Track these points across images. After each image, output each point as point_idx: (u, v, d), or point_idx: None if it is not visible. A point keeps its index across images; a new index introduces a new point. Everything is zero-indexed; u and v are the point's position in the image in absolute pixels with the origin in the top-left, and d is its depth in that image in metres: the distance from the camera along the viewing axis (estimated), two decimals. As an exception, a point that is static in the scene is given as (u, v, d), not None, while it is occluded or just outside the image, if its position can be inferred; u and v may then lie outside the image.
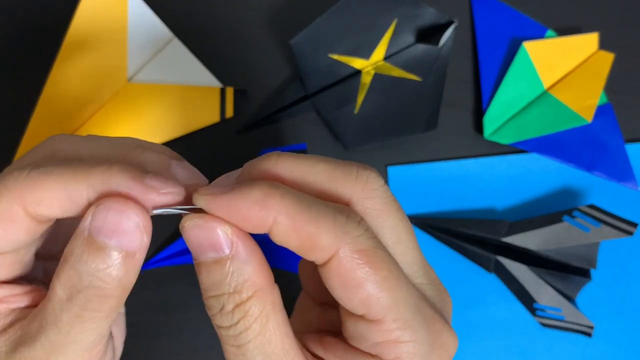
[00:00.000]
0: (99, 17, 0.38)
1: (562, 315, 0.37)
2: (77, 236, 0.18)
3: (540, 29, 0.42)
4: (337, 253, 0.17)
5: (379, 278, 0.17)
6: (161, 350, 0.36)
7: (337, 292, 0.18)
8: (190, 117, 0.38)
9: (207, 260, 0.18)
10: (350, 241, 0.17)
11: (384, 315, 0.18)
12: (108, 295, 0.18)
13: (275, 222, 0.17)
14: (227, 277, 0.18)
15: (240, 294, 0.18)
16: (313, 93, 0.38)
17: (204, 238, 0.18)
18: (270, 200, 0.17)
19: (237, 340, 0.18)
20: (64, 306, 0.18)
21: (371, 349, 0.18)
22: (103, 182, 0.17)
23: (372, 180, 0.19)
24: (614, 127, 0.40)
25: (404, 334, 0.18)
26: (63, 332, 0.18)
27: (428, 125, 0.39)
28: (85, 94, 0.37)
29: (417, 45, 0.38)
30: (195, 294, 0.37)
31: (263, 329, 0.18)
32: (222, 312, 0.18)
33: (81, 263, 0.17)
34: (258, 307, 0.18)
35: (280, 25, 0.40)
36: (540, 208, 0.39)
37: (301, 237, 0.17)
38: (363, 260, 0.17)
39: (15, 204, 0.18)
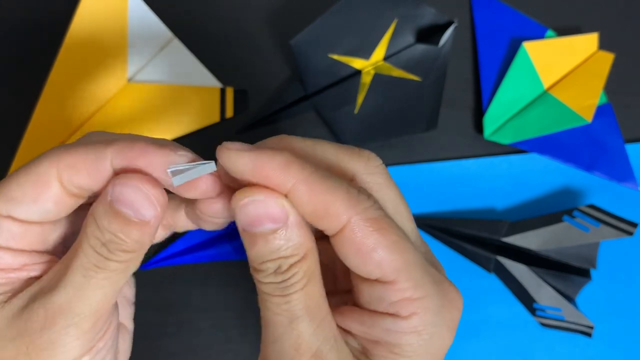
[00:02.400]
0: (99, 17, 0.38)
1: (562, 315, 0.37)
2: (101, 200, 0.20)
3: (540, 29, 0.42)
4: (350, 221, 0.19)
5: (389, 242, 0.19)
6: (161, 350, 0.36)
7: (352, 259, 0.20)
8: (190, 117, 0.38)
9: (264, 231, 0.19)
10: (362, 211, 0.19)
11: (397, 276, 0.19)
12: (126, 250, 0.20)
13: (293, 188, 0.19)
14: (285, 243, 0.19)
15: (296, 256, 0.20)
16: (313, 93, 0.38)
17: (262, 211, 0.19)
18: (291, 166, 0.19)
19: (285, 291, 0.20)
20: (90, 253, 0.19)
21: (388, 308, 0.20)
22: (126, 147, 0.20)
23: (373, 158, 0.22)
24: (614, 127, 0.40)
25: (416, 291, 0.20)
26: (89, 275, 0.19)
27: (428, 125, 0.39)
28: (85, 94, 0.37)
29: (417, 45, 0.38)
30: (195, 294, 0.37)
31: (308, 283, 0.20)
32: (277, 272, 0.20)
33: (103, 221, 0.19)
34: (308, 265, 0.20)
35: (280, 25, 0.40)
36: (540, 208, 0.39)
37: (316, 205, 0.19)
38: (374, 227, 0.19)
39: (52, 169, 0.20)
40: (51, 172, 0.20)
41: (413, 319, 0.20)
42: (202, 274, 0.37)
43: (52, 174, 0.20)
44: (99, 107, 0.37)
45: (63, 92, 0.37)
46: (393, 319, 0.20)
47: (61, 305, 0.19)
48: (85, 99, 0.37)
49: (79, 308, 0.19)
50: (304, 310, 0.20)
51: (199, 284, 0.37)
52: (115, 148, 0.20)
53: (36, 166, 0.20)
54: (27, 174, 0.20)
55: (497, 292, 0.38)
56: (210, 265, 0.37)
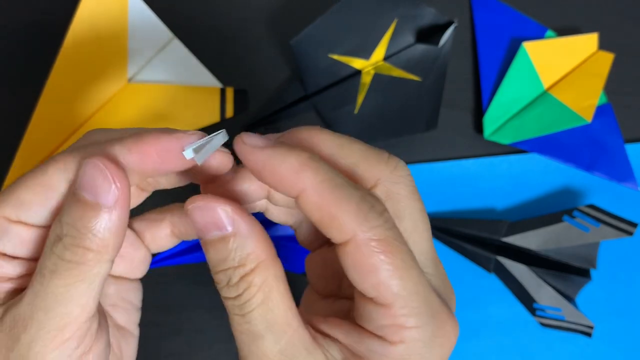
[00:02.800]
0: (99, 17, 0.38)
1: (562, 315, 0.37)
2: (67, 192, 0.19)
3: (540, 29, 0.42)
4: (355, 237, 0.18)
5: (392, 267, 0.18)
6: (161, 350, 0.36)
7: (350, 274, 0.19)
8: (190, 117, 0.38)
9: (212, 239, 0.19)
10: (369, 229, 0.18)
11: (393, 302, 0.18)
12: (84, 246, 0.18)
13: (302, 193, 0.18)
14: (231, 252, 0.19)
15: (244, 266, 0.19)
16: (313, 93, 0.38)
17: (207, 218, 0.19)
18: (304, 171, 0.18)
19: (242, 309, 0.19)
20: (47, 255, 0.19)
21: (377, 330, 0.19)
22: (138, 141, 0.19)
23: (400, 167, 0.20)
24: (614, 127, 0.40)
25: (409, 320, 0.19)
26: (45, 283, 0.18)
27: (428, 125, 0.39)
28: (85, 94, 0.37)
29: (417, 45, 0.38)
30: (195, 294, 0.37)
31: (266, 298, 0.19)
32: (229, 285, 0.19)
33: (64, 215, 0.19)
34: (261, 278, 0.19)
35: (280, 25, 0.40)
36: (540, 208, 0.39)
37: (323, 214, 0.18)
38: (379, 249, 0.18)
39: (60, 172, 0.19)
40: (59, 174, 0.19)
41: (400, 347, 0.19)
42: (202, 274, 0.37)
43: (60, 176, 0.19)
44: (99, 107, 0.37)
45: (63, 92, 0.37)
46: (381, 341, 0.19)
47: (25, 315, 0.18)
48: (85, 99, 0.37)
49: (42, 320, 0.18)
50: (266, 329, 0.19)
51: (199, 284, 0.37)
52: (126, 144, 0.19)
53: (43, 170, 0.20)
54: (34, 177, 0.20)
55: (497, 292, 0.38)
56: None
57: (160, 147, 0.19)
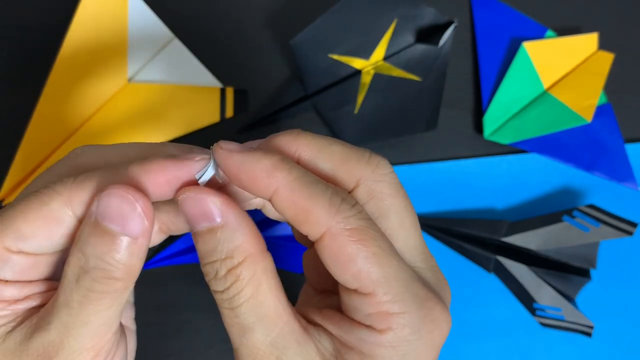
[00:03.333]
0: (99, 17, 0.38)
1: (562, 315, 0.37)
2: (85, 222, 0.19)
3: (540, 29, 0.42)
4: (330, 229, 0.18)
5: (369, 254, 0.19)
6: (161, 351, 0.36)
7: (330, 267, 0.19)
8: (190, 117, 0.38)
9: (201, 230, 0.19)
10: (342, 219, 0.18)
11: (375, 289, 0.19)
12: (113, 277, 0.19)
13: (276, 192, 0.19)
14: (219, 244, 0.19)
15: (232, 259, 0.19)
16: (313, 93, 0.38)
17: (196, 209, 0.19)
18: (277, 171, 0.19)
19: (231, 303, 0.19)
20: (73, 288, 0.19)
21: (365, 319, 0.19)
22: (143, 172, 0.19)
23: (382, 166, 0.21)
24: (614, 127, 0.40)
25: (394, 306, 0.19)
26: (73, 314, 0.19)
27: (428, 125, 0.39)
28: (85, 94, 0.37)
29: (417, 45, 0.38)
30: (195, 294, 0.37)
31: (255, 292, 0.19)
32: (216, 277, 0.19)
33: (87, 246, 0.19)
34: (249, 272, 0.19)
35: (280, 25, 0.40)
36: (540, 208, 0.39)
37: (297, 210, 0.19)
38: (354, 238, 0.18)
39: (65, 206, 0.19)
40: (63, 210, 0.19)
41: (388, 334, 0.19)
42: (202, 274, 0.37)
43: (65, 212, 0.19)
44: (99, 107, 0.37)
45: (63, 92, 0.37)
46: (369, 331, 0.19)
47: (54, 342, 0.19)
48: (85, 99, 0.37)
49: (72, 345, 0.19)
50: (256, 322, 0.19)
51: (199, 284, 0.37)
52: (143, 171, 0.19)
53: (46, 203, 0.19)
54: (36, 209, 0.19)
55: (497, 292, 0.38)
56: (210, 265, 0.37)
57: (171, 175, 0.19)
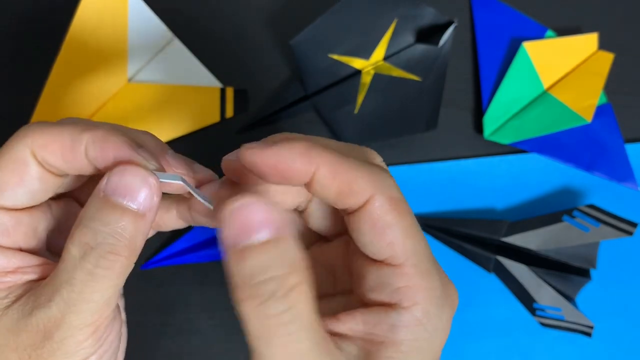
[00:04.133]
0: (99, 17, 0.38)
1: (562, 315, 0.37)
2: (92, 197, 0.19)
3: (540, 29, 0.42)
4: (373, 197, 0.19)
5: (405, 225, 0.19)
6: (161, 350, 0.36)
7: (366, 235, 0.19)
8: (190, 117, 0.38)
9: (256, 242, 0.17)
10: (385, 188, 0.19)
11: (405, 260, 0.19)
12: (119, 253, 0.19)
13: (317, 170, 0.19)
14: (280, 257, 0.17)
15: (293, 276, 0.17)
16: (313, 93, 0.38)
17: (257, 216, 0.17)
18: (312, 151, 0.19)
19: (289, 327, 0.17)
20: (77, 264, 0.19)
21: (391, 296, 0.19)
22: (103, 139, 0.19)
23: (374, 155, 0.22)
24: (614, 127, 0.40)
25: (422, 280, 0.19)
26: (76, 291, 0.19)
27: (428, 125, 0.39)
28: (85, 94, 0.37)
29: (417, 45, 0.38)
30: (195, 294, 0.37)
31: (312, 313, 0.17)
32: (274, 297, 0.16)
33: (95, 221, 0.19)
34: (307, 291, 0.17)
35: (280, 25, 0.40)
36: (540, 208, 0.39)
37: (340, 183, 0.19)
38: (393, 207, 0.19)
39: (27, 148, 0.20)
40: (26, 152, 0.20)
41: (415, 310, 0.19)
42: (202, 274, 0.37)
43: (28, 153, 0.20)
44: (99, 107, 0.37)
45: (63, 92, 0.37)
46: (396, 312, 0.19)
47: (55, 318, 0.19)
48: (85, 99, 0.37)
49: (73, 321, 0.19)
50: (312, 346, 0.17)
51: (199, 284, 0.37)
52: (92, 136, 0.19)
53: (10, 149, 0.20)
54: (2, 158, 0.20)
55: (497, 292, 0.38)
56: (210, 265, 0.37)
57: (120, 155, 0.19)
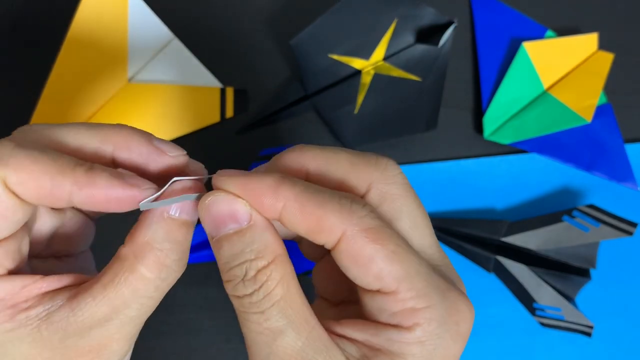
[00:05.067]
0: (99, 17, 0.38)
1: (562, 315, 0.37)
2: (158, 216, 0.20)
3: (540, 29, 0.42)
4: (345, 233, 0.18)
5: (388, 252, 0.19)
6: (161, 350, 0.36)
7: (351, 271, 0.19)
8: (190, 117, 0.38)
9: (228, 233, 0.19)
10: (357, 221, 0.18)
11: (398, 286, 0.19)
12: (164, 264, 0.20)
13: (285, 207, 0.19)
14: (248, 244, 0.19)
15: (262, 259, 0.19)
16: (313, 93, 0.38)
17: (225, 211, 0.19)
18: (281, 187, 0.19)
19: (261, 305, 0.19)
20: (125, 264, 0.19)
21: (390, 319, 0.19)
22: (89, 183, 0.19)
23: (390, 167, 0.21)
24: (614, 127, 0.40)
25: (419, 301, 0.19)
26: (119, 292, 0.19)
27: (428, 125, 0.39)
28: (85, 94, 0.37)
29: (417, 45, 0.38)
30: (195, 294, 0.37)
31: (285, 293, 0.19)
32: (245, 280, 0.19)
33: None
34: (279, 271, 0.19)
35: (280, 25, 0.40)
36: (540, 208, 0.39)
37: (309, 221, 0.19)
38: (370, 237, 0.18)
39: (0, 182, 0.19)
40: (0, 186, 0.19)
41: (416, 330, 0.19)
42: (203, 274, 0.37)
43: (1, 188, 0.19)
44: (99, 107, 0.37)
45: (63, 92, 0.37)
46: (397, 330, 0.19)
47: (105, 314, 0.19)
48: (85, 99, 0.37)
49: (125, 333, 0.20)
50: (287, 325, 0.19)
51: (200, 284, 0.37)
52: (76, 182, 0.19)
53: None
54: None
55: (497, 292, 0.38)
56: (210, 265, 0.37)
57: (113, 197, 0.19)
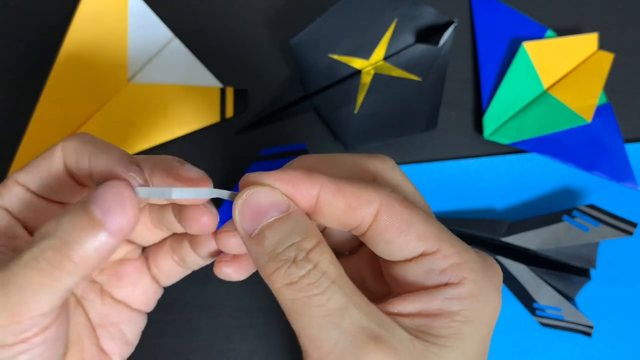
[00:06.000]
0: (99, 17, 0.38)
1: (562, 315, 0.37)
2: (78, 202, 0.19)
3: (540, 29, 0.42)
4: (383, 203, 0.20)
5: (422, 216, 0.20)
6: (161, 350, 0.36)
7: (393, 241, 0.20)
8: (190, 117, 0.38)
9: (270, 221, 0.19)
10: (389, 193, 0.20)
11: (440, 244, 0.20)
12: (68, 255, 0.18)
13: (322, 189, 0.20)
14: (294, 227, 0.19)
15: (309, 240, 0.19)
16: (313, 93, 0.38)
17: (265, 201, 0.19)
18: (313, 173, 0.20)
19: (320, 284, 0.19)
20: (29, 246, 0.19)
21: (440, 278, 0.20)
22: None
23: (388, 159, 0.23)
24: (614, 127, 0.40)
25: (461, 256, 0.20)
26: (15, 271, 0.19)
27: (428, 125, 0.39)
28: (85, 94, 0.37)
29: (417, 45, 0.38)
30: (195, 294, 0.37)
31: (339, 272, 0.19)
32: (297, 261, 0.19)
33: (65, 216, 0.19)
34: (328, 252, 0.19)
35: (280, 25, 0.40)
36: (540, 208, 0.39)
37: (347, 197, 0.20)
38: (404, 206, 0.20)
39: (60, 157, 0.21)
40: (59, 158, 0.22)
41: (466, 284, 0.20)
42: (204, 273, 0.37)
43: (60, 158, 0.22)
44: (99, 107, 0.37)
45: (63, 92, 0.37)
46: (449, 287, 0.20)
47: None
48: (85, 99, 0.37)
49: None
50: (349, 302, 0.18)
51: (199, 283, 0.37)
52: None
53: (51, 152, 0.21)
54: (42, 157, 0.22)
55: (497, 292, 0.38)
56: (210, 265, 0.37)
57: None
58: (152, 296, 0.26)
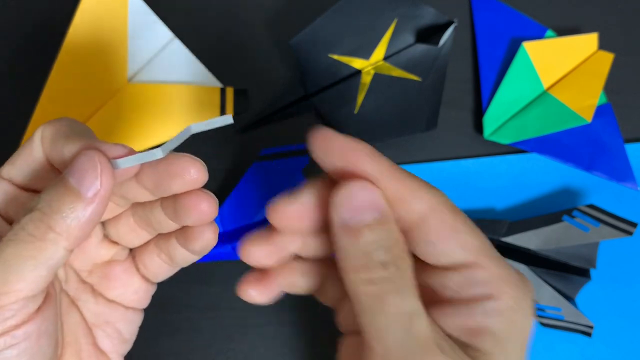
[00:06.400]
0: (99, 17, 0.38)
1: (562, 315, 0.37)
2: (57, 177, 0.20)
3: (540, 29, 0.42)
4: (432, 206, 0.20)
5: (468, 227, 0.20)
6: (161, 350, 0.36)
7: (437, 245, 0.20)
8: (190, 117, 0.38)
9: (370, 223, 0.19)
10: (441, 196, 0.20)
11: (479, 257, 0.20)
12: (49, 225, 0.19)
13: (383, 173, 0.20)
14: (389, 234, 0.19)
15: (398, 247, 0.19)
16: (313, 93, 0.38)
17: (366, 199, 0.19)
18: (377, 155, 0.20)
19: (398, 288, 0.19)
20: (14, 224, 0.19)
21: (479, 290, 0.20)
22: None
23: None
24: (614, 127, 0.40)
25: (502, 270, 0.20)
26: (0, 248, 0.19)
27: (428, 125, 0.39)
28: (85, 94, 0.37)
29: (417, 45, 0.38)
30: (195, 293, 0.37)
31: (413, 277, 0.20)
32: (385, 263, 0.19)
33: (44, 191, 0.19)
34: (410, 259, 0.20)
35: (280, 25, 0.40)
36: (540, 208, 0.39)
37: (403, 187, 0.20)
38: (453, 212, 0.20)
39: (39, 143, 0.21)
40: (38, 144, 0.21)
41: (506, 298, 0.20)
42: (202, 273, 0.37)
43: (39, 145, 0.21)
44: (99, 107, 0.37)
45: (63, 92, 0.37)
46: (489, 301, 0.20)
47: None
48: (85, 99, 0.37)
49: None
50: (419, 309, 0.19)
51: (199, 283, 0.37)
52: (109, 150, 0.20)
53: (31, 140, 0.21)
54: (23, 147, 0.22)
55: (497, 292, 0.38)
56: (210, 265, 0.37)
57: None
58: (144, 294, 0.26)
